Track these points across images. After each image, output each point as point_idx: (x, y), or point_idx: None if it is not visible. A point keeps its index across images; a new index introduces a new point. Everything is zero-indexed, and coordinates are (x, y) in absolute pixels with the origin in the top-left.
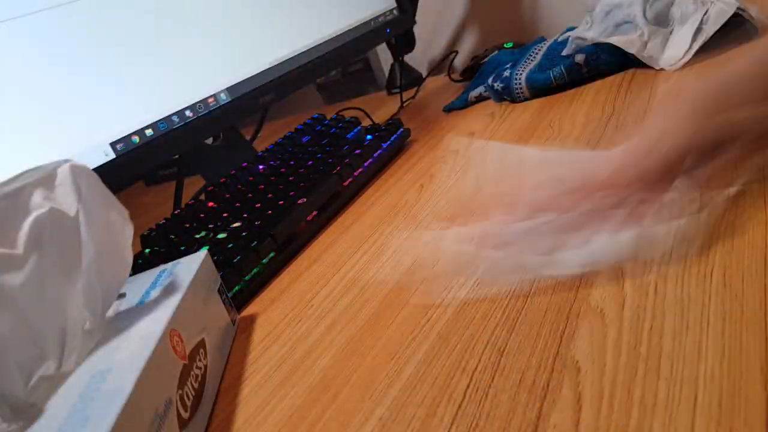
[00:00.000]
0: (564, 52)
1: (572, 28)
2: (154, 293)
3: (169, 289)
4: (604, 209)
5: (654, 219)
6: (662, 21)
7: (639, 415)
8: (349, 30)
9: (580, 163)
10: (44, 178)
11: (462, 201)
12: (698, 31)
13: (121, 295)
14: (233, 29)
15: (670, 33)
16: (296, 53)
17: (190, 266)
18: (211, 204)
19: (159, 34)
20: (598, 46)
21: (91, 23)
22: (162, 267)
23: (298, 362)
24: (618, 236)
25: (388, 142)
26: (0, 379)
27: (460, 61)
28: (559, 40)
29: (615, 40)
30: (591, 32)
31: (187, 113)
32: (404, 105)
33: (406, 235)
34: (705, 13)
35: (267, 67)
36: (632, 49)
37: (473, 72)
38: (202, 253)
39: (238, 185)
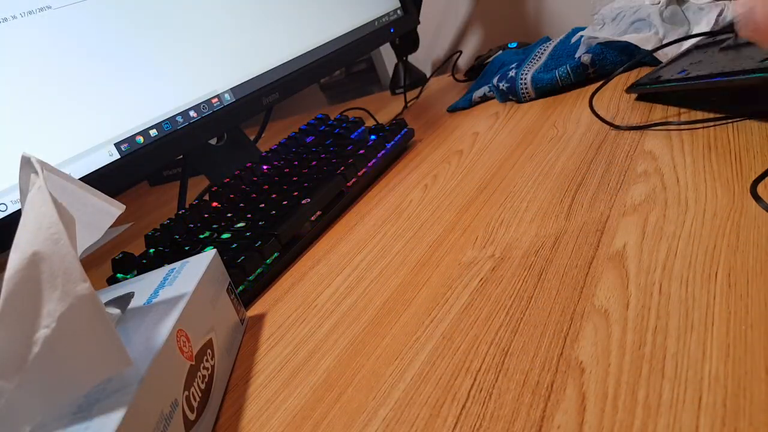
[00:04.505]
0: (578, 54)
1: (577, 29)
2: (162, 293)
3: (177, 289)
4: None
5: None
6: (677, 20)
7: (643, 416)
8: (353, 30)
9: None
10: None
11: None
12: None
13: (129, 294)
14: (237, 30)
15: (686, 32)
16: (300, 53)
17: (198, 265)
18: (215, 204)
19: (163, 35)
20: (604, 46)
21: (93, 24)
22: (170, 266)
23: (302, 362)
24: None
25: (392, 143)
26: None
27: (463, 61)
28: (571, 41)
29: (630, 37)
30: (604, 32)
31: (191, 113)
32: (408, 105)
33: None
34: (720, 14)
35: (271, 67)
36: (648, 46)
37: (477, 72)
38: (211, 252)
39: (242, 185)
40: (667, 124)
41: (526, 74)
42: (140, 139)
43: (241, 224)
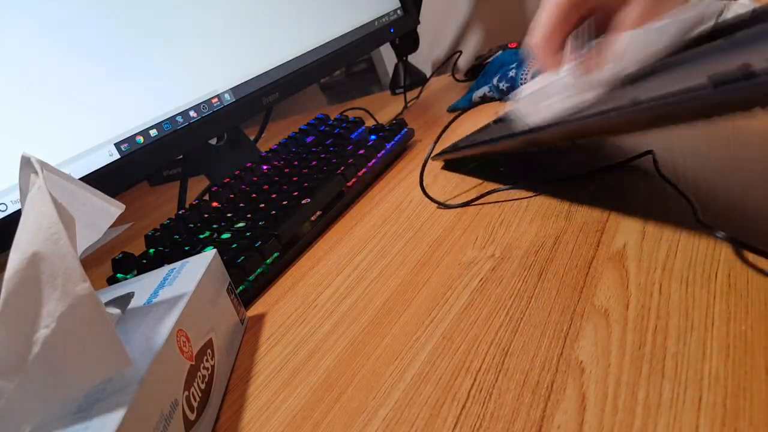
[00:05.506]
0: None
1: None
2: (162, 293)
3: (176, 289)
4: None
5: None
6: None
7: (643, 416)
8: (353, 30)
9: None
10: None
11: None
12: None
13: (129, 294)
14: (237, 30)
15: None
16: (300, 53)
17: (198, 266)
18: (215, 204)
19: (163, 35)
20: None
21: (93, 24)
22: (170, 266)
23: (302, 362)
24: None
25: (392, 143)
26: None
27: (463, 61)
28: None
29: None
30: None
31: (191, 113)
32: (408, 105)
33: None
34: (720, 13)
35: (271, 67)
36: None
37: (477, 72)
38: (211, 252)
39: (242, 185)
40: None
41: (527, 74)
42: (140, 139)
43: (241, 224)
